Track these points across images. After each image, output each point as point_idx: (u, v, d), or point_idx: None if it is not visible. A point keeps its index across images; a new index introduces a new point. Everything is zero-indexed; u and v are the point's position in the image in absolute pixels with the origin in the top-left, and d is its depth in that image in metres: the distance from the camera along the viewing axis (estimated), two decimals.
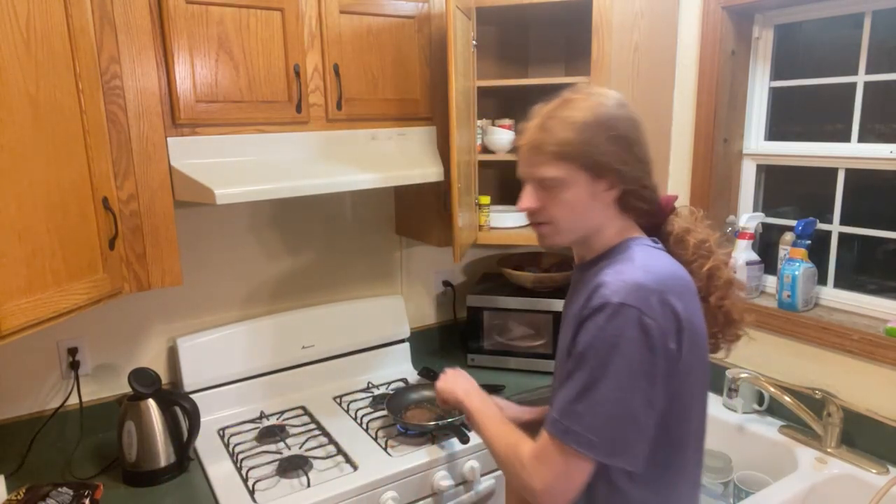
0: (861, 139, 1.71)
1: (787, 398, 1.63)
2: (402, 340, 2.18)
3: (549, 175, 1.02)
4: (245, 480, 1.51)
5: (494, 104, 2.29)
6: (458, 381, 1.33)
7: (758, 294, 1.91)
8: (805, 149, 1.81)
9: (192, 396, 1.65)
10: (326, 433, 1.73)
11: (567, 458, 0.99)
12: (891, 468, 1.52)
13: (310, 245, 2.05)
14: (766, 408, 1.80)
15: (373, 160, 1.70)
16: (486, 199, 1.99)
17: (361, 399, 1.93)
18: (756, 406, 1.82)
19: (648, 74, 1.88)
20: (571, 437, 0.98)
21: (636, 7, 1.80)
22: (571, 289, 1.17)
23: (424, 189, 1.94)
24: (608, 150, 1.00)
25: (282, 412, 1.86)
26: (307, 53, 1.61)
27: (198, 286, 1.87)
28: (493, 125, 2.06)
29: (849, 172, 1.73)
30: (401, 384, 2.02)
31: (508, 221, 2.05)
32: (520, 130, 1.12)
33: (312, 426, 1.78)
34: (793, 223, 1.81)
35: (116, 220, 1.41)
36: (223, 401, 1.85)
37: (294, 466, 1.55)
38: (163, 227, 1.49)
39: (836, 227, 1.77)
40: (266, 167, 1.54)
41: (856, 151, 1.70)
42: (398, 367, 2.16)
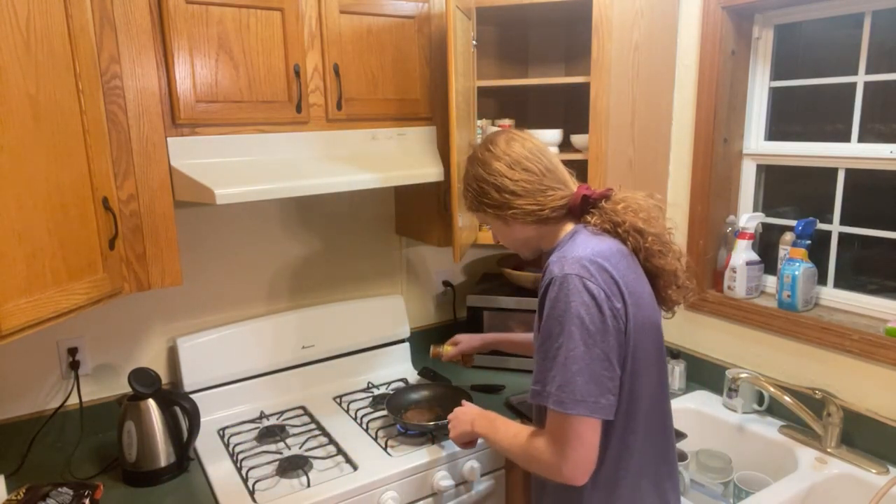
0: (861, 139, 1.71)
1: (787, 398, 1.63)
2: (403, 340, 2.18)
3: (478, 220, 1.33)
4: (245, 480, 1.51)
5: (494, 104, 2.29)
6: (461, 419, 1.44)
7: (758, 294, 1.91)
8: (805, 149, 1.81)
9: (192, 396, 1.65)
10: (326, 433, 1.73)
11: (568, 424, 1.07)
12: (891, 468, 1.52)
13: (310, 245, 2.05)
14: (766, 408, 1.80)
15: (373, 160, 1.70)
16: None
17: (361, 399, 1.93)
18: (756, 406, 1.82)
19: (648, 74, 1.88)
20: (554, 401, 1.07)
21: (636, 6, 1.80)
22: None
23: (424, 189, 1.94)
24: (494, 196, 1.23)
25: (282, 412, 1.86)
26: (307, 53, 1.61)
27: (198, 286, 1.87)
28: (493, 125, 2.06)
29: (849, 172, 1.73)
30: (401, 384, 2.02)
31: None
32: None
33: (312, 426, 1.78)
34: (793, 223, 1.81)
35: (116, 220, 1.41)
36: (223, 401, 1.85)
37: (294, 466, 1.55)
38: (163, 227, 1.49)
39: (836, 227, 1.77)
40: (266, 167, 1.54)
41: (856, 151, 1.70)
42: (398, 367, 2.16)
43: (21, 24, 1.15)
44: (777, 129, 1.92)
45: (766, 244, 1.95)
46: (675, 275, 1.23)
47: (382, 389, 2.00)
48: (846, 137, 1.73)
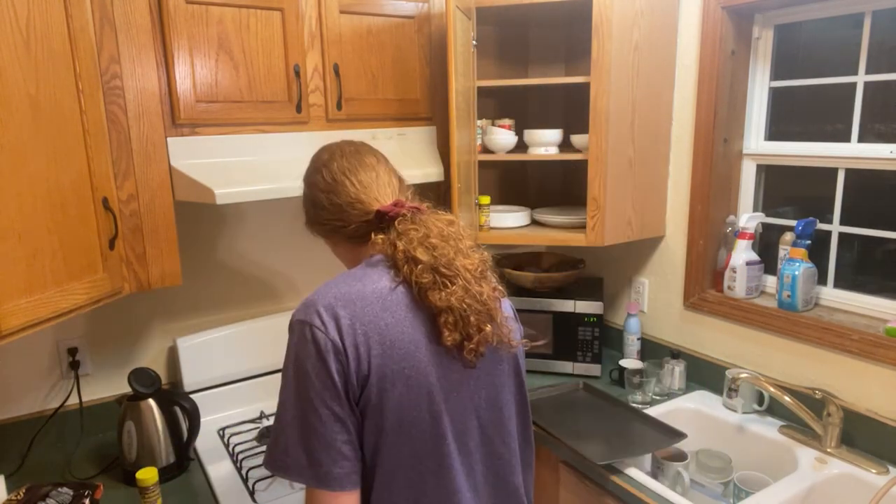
0: (861, 139, 1.71)
1: (787, 398, 1.63)
2: None
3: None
4: (245, 480, 1.51)
5: (494, 104, 2.29)
6: None
7: (758, 294, 1.91)
8: (805, 149, 1.81)
9: (192, 396, 1.65)
10: None
11: (308, 493, 0.96)
12: (891, 468, 1.52)
13: (310, 245, 2.05)
14: (766, 408, 1.80)
15: None
16: (486, 199, 1.98)
17: None
18: (756, 406, 1.82)
19: (648, 74, 1.88)
20: (277, 467, 0.96)
21: (636, 6, 1.80)
22: None
23: (424, 189, 1.94)
24: (310, 211, 1.15)
25: None
26: (307, 53, 1.61)
27: (198, 286, 1.87)
28: (493, 125, 2.06)
29: (849, 172, 1.73)
30: None
31: (508, 221, 2.05)
32: None
33: None
34: (793, 223, 1.81)
35: (116, 220, 1.41)
36: (223, 401, 1.85)
37: None
38: (163, 227, 1.49)
39: (836, 227, 1.77)
40: (266, 167, 1.54)
41: (856, 151, 1.70)
42: None
43: (21, 24, 1.15)
44: (777, 129, 1.92)
45: (766, 244, 1.95)
46: (449, 311, 0.99)
47: None
48: (846, 137, 1.73)
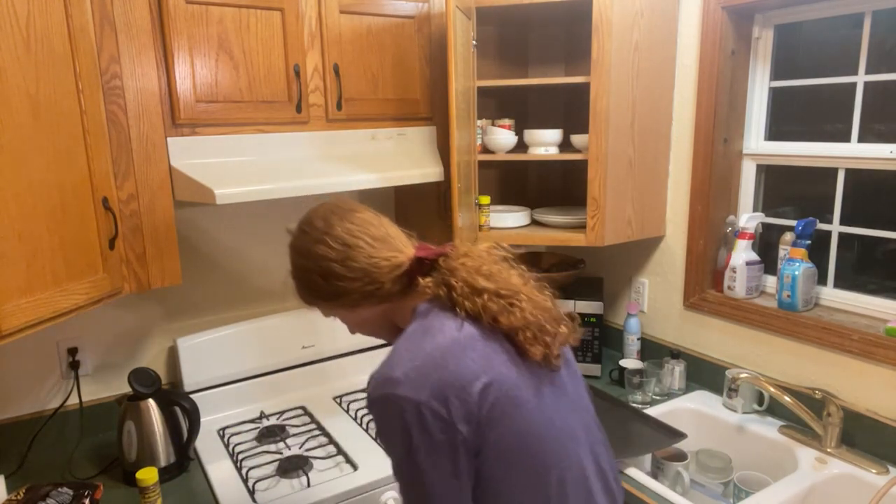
0: (861, 139, 1.71)
1: (787, 398, 1.63)
2: None
3: (323, 313, 1.13)
4: (245, 480, 1.51)
5: (494, 104, 2.29)
6: None
7: (758, 294, 1.91)
8: (805, 149, 1.81)
9: (192, 396, 1.65)
10: (326, 433, 1.73)
11: None
12: (891, 468, 1.52)
13: None
14: (766, 408, 1.80)
15: (373, 160, 1.70)
16: (486, 200, 1.98)
17: (361, 399, 1.93)
18: (756, 406, 1.82)
19: (648, 74, 1.88)
20: None
21: (636, 6, 1.80)
22: None
23: (424, 189, 1.94)
24: (322, 285, 1.05)
25: (282, 412, 1.86)
26: (307, 53, 1.61)
27: (198, 286, 1.87)
28: (493, 125, 2.06)
29: (849, 172, 1.73)
30: None
31: (508, 221, 2.05)
32: None
33: (312, 426, 1.78)
34: (793, 223, 1.81)
35: (116, 220, 1.41)
36: (223, 401, 1.85)
37: (294, 466, 1.55)
38: (163, 227, 1.49)
39: (836, 227, 1.77)
40: (266, 167, 1.54)
41: (856, 151, 1.70)
42: None
43: (21, 24, 1.15)
44: (777, 129, 1.92)
45: (766, 244, 1.95)
46: (526, 327, 0.98)
47: None
48: (846, 137, 1.73)
